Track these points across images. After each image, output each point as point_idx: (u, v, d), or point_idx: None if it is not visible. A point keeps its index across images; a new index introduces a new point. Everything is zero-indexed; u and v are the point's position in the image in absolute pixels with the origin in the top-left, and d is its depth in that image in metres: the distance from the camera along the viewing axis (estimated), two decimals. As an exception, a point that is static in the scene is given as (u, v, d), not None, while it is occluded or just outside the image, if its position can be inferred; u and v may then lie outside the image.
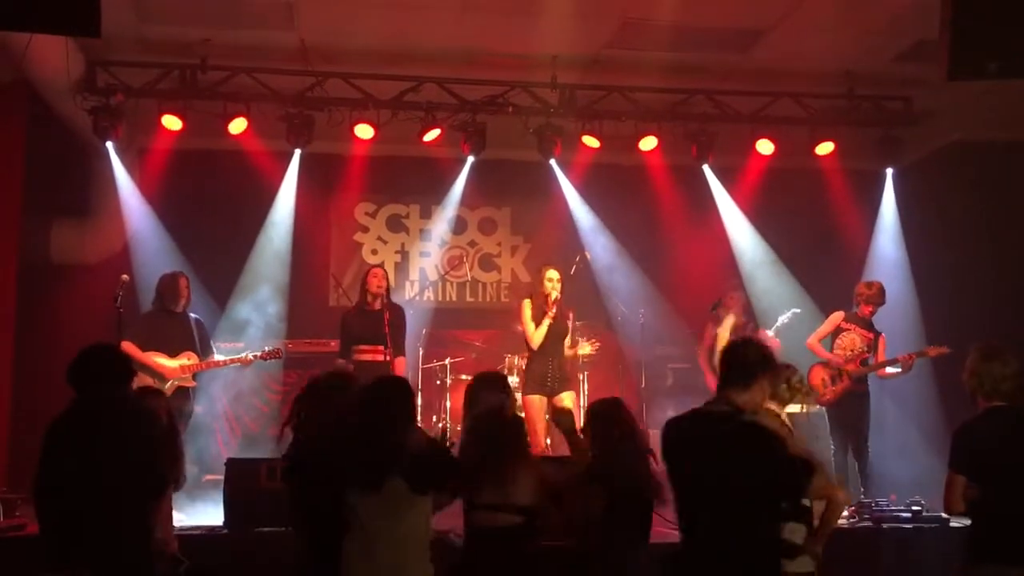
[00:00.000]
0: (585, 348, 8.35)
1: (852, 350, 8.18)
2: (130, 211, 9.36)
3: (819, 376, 8.18)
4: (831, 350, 8.26)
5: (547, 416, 7.78)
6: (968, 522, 4.69)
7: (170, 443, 4.91)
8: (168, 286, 8.02)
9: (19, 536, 6.22)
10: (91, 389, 4.43)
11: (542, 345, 7.87)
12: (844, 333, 8.26)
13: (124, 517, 4.29)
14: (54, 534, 4.32)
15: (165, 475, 4.59)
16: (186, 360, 7.89)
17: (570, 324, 8.28)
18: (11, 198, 8.49)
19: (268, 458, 6.59)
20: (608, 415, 4.97)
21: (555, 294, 7.89)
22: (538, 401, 7.82)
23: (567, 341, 8.09)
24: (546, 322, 7.84)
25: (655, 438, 8.46)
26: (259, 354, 8.20)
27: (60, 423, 4.39)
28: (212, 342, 8.35)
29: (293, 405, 4.82)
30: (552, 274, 8.01)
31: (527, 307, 8.00)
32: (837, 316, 8.37)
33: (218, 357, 8.17)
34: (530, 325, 7.91)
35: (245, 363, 8.20)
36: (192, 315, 8.10)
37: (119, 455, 4.30)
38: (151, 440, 4.47)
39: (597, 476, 4.74)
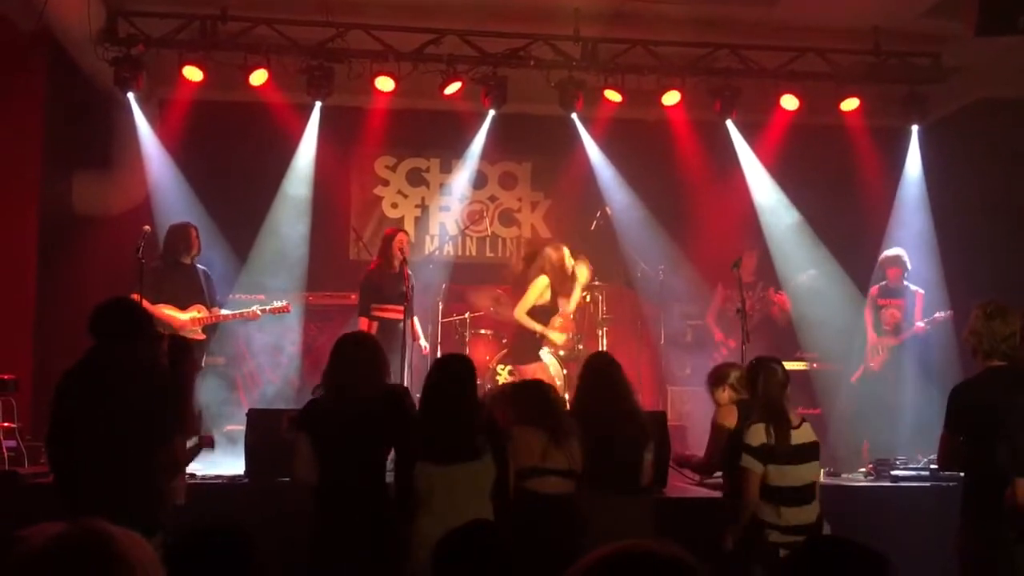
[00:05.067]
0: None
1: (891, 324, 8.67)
2: (151, 162, 9.35)
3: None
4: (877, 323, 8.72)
5: None
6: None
7: (182, 396, 4.93)
8: (181, 237, 8.00)
9: (45, 483, 6.31)
10: (105, 341, 4.48)
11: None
12: (883, 309, 8.67)
13: (130, 466, 4.36)
14: (64, 482, 4.46)
15: (171, 426, 4.62)
16: (196, 313, 7.91)
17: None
18: (32, 149, 8.51)
19: (289, 408, 6.64)
20: (599, 370, 5.29)
21: (576, 301, 8.53)
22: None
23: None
24: (557, 321, 8.42)
25: (673, 395, 8.45)
26: (267, 308, 8.23)
27: (70, 375, 4.48)
28: (231, 294, 8.36)
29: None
30: (584, 273, 8.53)
31: (544, 285, 8.32)
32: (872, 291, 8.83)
33: (225, 311, 8.17)
34: (529, 301, 8.28)
35: (253, 317, 8.22)
36: (199, 266, 8.11)
37: (126, 407, 4.37)
38: (158, 393, 4.51)
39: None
